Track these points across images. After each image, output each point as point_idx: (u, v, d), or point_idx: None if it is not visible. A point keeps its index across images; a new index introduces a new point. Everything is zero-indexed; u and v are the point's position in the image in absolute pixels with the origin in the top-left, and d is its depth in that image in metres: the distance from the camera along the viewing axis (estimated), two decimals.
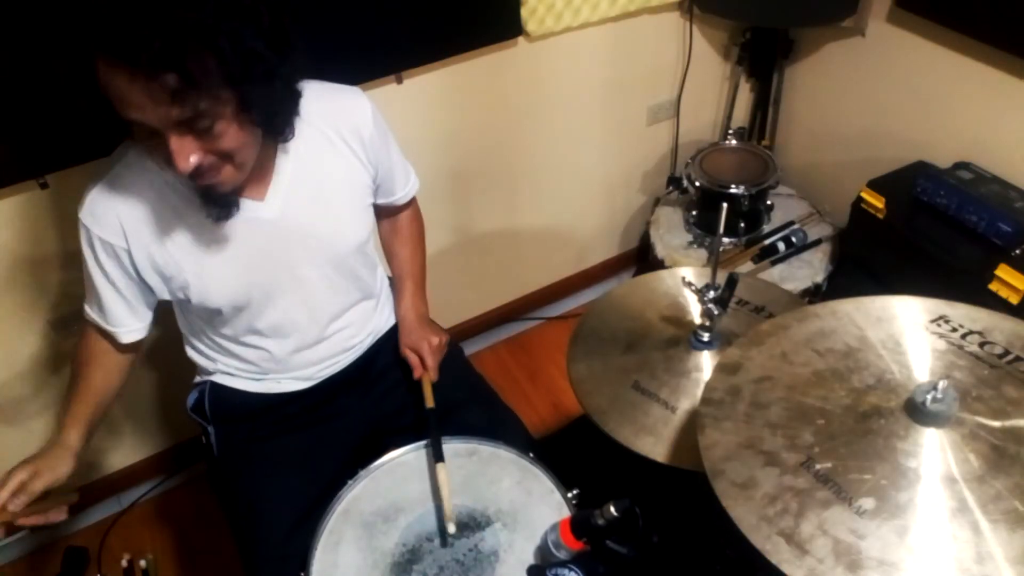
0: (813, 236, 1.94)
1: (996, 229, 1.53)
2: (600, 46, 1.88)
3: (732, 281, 1.10)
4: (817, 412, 0.86)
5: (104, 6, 0.83)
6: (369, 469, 1.18)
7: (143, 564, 1.78)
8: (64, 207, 1.46)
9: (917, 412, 0.82)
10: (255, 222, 1.11)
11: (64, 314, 1.60)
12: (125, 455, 1.93)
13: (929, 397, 0.80)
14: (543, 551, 1.02)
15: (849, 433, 0.83)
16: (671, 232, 2.03)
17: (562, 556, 0.99)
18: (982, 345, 0.90)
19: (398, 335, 1.37)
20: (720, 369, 0.94)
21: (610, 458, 1.11)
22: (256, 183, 1.10)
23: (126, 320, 1.16)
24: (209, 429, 1.32)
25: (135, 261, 1.09)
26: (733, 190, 1.86)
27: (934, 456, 0.79)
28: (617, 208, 2.29)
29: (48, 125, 1.34)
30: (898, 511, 0.75)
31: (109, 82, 0.86)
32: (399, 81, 1.67)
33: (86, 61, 0.86)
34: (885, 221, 1.70)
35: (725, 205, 1.11)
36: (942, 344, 0.91)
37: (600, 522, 0.95)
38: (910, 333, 0.93)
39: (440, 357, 1.33)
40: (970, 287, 1.53)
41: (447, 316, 2.05)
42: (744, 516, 0.77)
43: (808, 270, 1.88)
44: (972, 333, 0.91)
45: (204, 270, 1.11)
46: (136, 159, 1.06)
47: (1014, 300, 1.48)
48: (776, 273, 1.88)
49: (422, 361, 1.31)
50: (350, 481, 1.16)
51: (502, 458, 1.19)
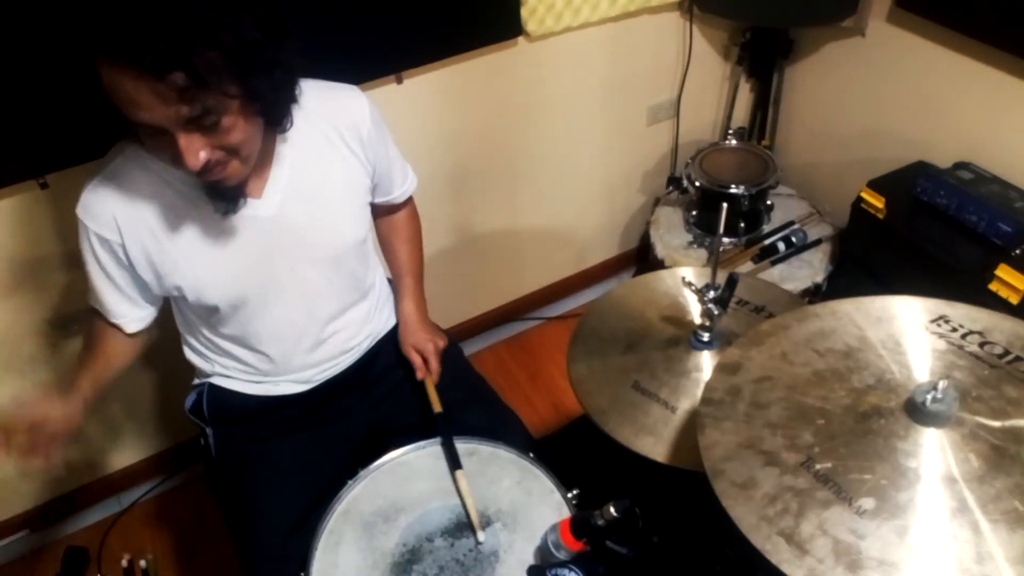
0: (813, 236, 1.94)
1: (996, 229, 1.53)
2: (600, 46, 1.88)
3: (732, 281, 1.10)
4: (817, 412, 0.86)
5: (106, 8, 0.83)
6: (369, 469, 1.18)
7: (143, 564, 1.78)
8: (64, 207, 1.46)
9: (917, 412, 0.82)
10: (252, 219, 1.11)
11: (64, 314, 1.60)
12: (125, 455, 1.93)
13: (929, 397, 0.80)
14: (543, 551, 1.02)
15: (849, 433, 0.83)
16: (671, 232, 2.03)
17: (562, 556, 0.99)
18: (982, 345, 0.90)
19: (399, 334, 1.37)
20: (720, 369, 0.94)
21: (610, 458, 1.11)
22: (254, 180, 1.10)
23: (127, 312, 1.17)
24: (207, 431, 1.32)
25: (129, 255, 1.09)
26: (733, 190, 1.86)
27: (934, 456, 0.79)
28: (617, 208, 2.29)
29: (48, 125, 1.34)
30: (898, 511, 0.75)
31: (115, 84, 0.86)
32: (399, 81, 1.67)
33: (88, 63, 0.86)
34: (885, 221, 1.70)
35: (725, 205, 1.11)
36: (942, 344, 0.91)
37: (600, 522, 0.95)
38: (910, 333, 0.93)
39: (436, 358, 1.33)
40: (970, 287, 1.53)
41: (447, 316, 2.05)
42: (744, 516, 0.77)
43: (808, 270, 1.88)
44: (972, 333, 0.91)
45: (200, 267, 1.11)
46: (132, 157, 1.06)
47: (1014, 300, 1.48)
48: (776, 273, 1.88)
49: (426, 362, 1.31)
50: (350, 481, 1.16)
51: (502, 458, 1.19)
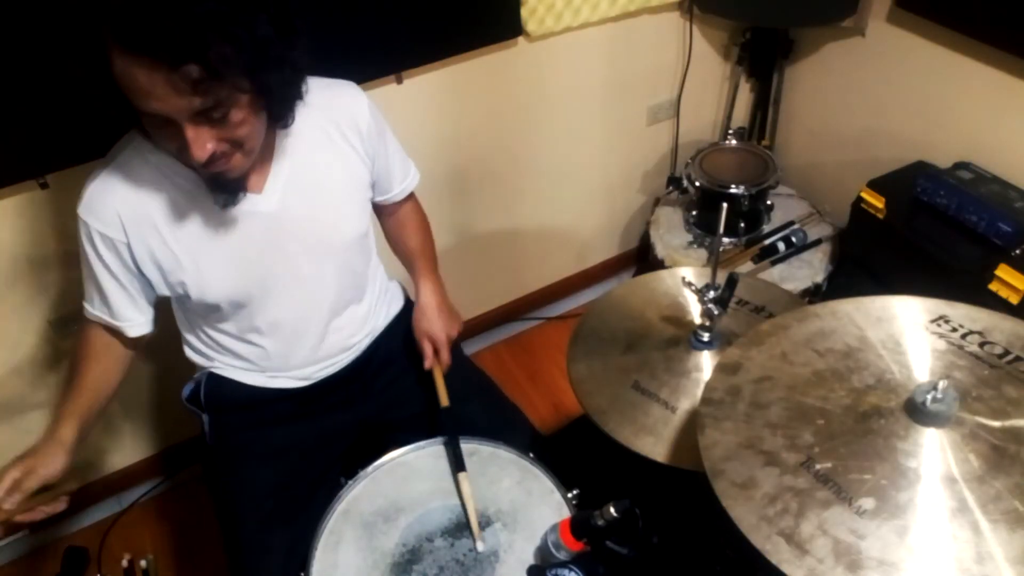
0: (813, 236, 1.94)
1: (996, 229, 1.53)
2: (600, 46, 1.88)
3: (732, 281, 1.10)
4: (817, 412, 0.86)
5: (123, 1, 0.83)
6: (369, 469, 1.18)
7: (143, 564, 1.78)
8: (64, 207, 1.46)
9: (917, 412, 0.82)
10: (253, 214, 1.11)
11: (64, 314, 1.60)
12: (125, 455, 1.93)
13: (929, 397, 0.80)
14: (543, 551, 1.02)
15: (849, 433, 0.83)
16: (671, 232, 2.03)
17: (562, 556, 0.99)
18: (982, 345, 0.90)
19: (414, 318, 1.33)
20: (720, 369, 0.94)
21: (610, 458, 1.11)
22: (254, 175, 1.10)
23: (131, 314, 1.16)
24: (203, 418, 1.32)
25: (134, 254, 1.09)
26: (733, 190, 1.86)
27: (934, 456, 0.79)
28: (617, 208, 2.29)
29: (48, 125, 1.35)
30: (898, 511, 0.75)
31: (128, 74, 0.86)
32: (399, 81, 1.67)
33: (100, 52, 0.86)
34: (885, 221, 1.70)
35: (725, 205, 1.11)
36: (942, 344, 0.91)
37: (600, 523, 0.95)
38: (910, 333, 0.93)
39: (447, 349, 1.30)
40: (970, 287, 1.52)
41: None
42: (744, 516, 0.77)
43: (808, 270, 1.88)
44: (972, 333, 0.91)
45: (202, 264, 1.11)
46: (134, 154, 1.06)
47: (1014, 300, 1.48)
48: (776, 273, 1.88)
49: (437, 353, 1.29)
50: (350, 481, 1.16)
51: (502, 458, 1.19)
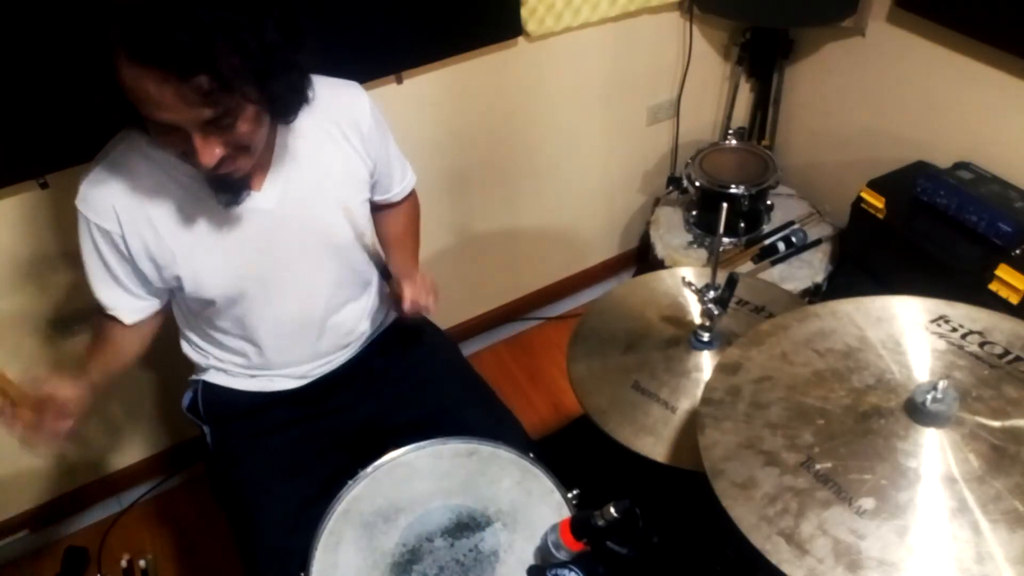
0: (813, 236, 1.94)
1: (996, 229, 1.53)
2: (600, 46, 1.88)
3: (732, 281, 1.10)
4: (817, 412, 0.86)
5: (133, 10, 0.83)
6: (369, 469, 1.18)
7: (143, 564, 1.78)
8: (64, 207, 1.46)
9: (917, 412, 0.82)
10: (253, 212, 1.11)
11: (64, 314, 1.60)
12: (125, 455, 1.93)
13: (929, 397, 0.80)
14: (543, 551, 1.02)
15: (849, 433, 0.83)
16: (671, 232, 2.03)
17: (562, 556, 0.99)
18: (982, 345, 0.90)
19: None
20: (720, 369, 0.94)
21: (610, 458, 1.11)
22: (255, 173, 1.10)
23: (124, 303, 1.16)
24: (204, 428, 1.32)
25: (129, 247, 1.09)
26: (733, 190, 1.86)
27: (934, 456, 0.79)
28: (617, 208, 2.29)
29: (48, 125, 1.35)
30: (898, 511, 0.75)
31: (137, 85, 0.86)
32: (399, 81, 1.67)
33: (106, 61, 0.86)
34: (885, 221, 1.70)
35: (725, 205, 1.11)
36: (942, 344, 0.91)
37: (600, 523, 0.95)
38: (910, 333, 0.93)
39: (431, 294, 1.23)
40: (970, 287, 1.52)
41: (447, 316, 2.05)
42: (744, 516, 0.77)
43: (808, 270, 1.88)
44: (972, 333, 0.91)
45: (198, 259, 1.11)
46: (134, 145, 1.06)
47: (1014, 300, 1.48)
48: (776, 273, 1.88)
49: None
50: (350, 481, 1.16)
51: (502, 458, 1.19)
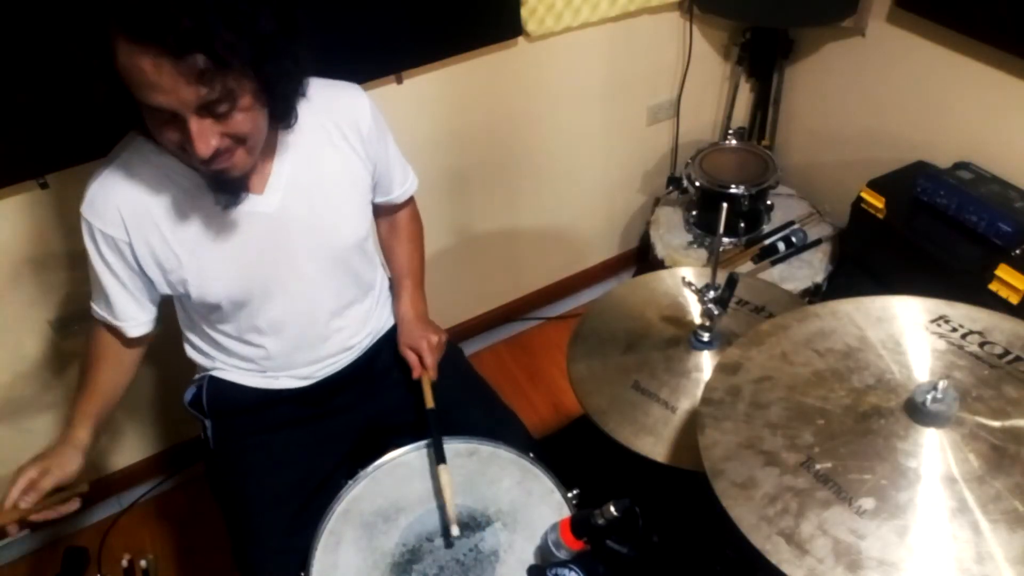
0: (813, 236, 1.94)
1: (996, 229, 1.53)
2: (600, 46, 1.88)
3: (732, 281, 1.10)
4: (817, 412, 0.86)
5: None
6: (369, 469, 1.18)
7: (143, 564, 1.77)
8: (64, 207, 1.46)
9: (917, 412, 0.82)
10: (254, 215, 1.11)
11: (65, 314, 1.60)
12: (125, 455, 1.93)
13: (929, 397, 0.80)
14: (543, 551, 1.02)
15: (849, 433, 0.83)
16: (671, 232, 2.03)
17: (562, 556, 0.99)
18: (982, 345, 0.90)
19: (397, 335, 1.37)
20: (720, 369, 0.94)
21: (610, 458, 1.11)
22: (255, 176, 1.10)
23: (133, 313, 1.17)
24: (206, 423, 1.32)
25: (136, 254, 1.09)
26: (733, 190, 1.86)
27: (934, 456, 0.79)
28: (617, 208, 2.29)
29: (48, 125, 1.35)
30: (898, 511, 0.75)
31: (133, 65, 0.86)
32: (399, 81, 1.67)
33: (104, 45, 0.86)
34: (885, 221, 1.70)
35: (725, 205, 1.11)
36: (942, 344, 0.91)
37: (600, 522, 0.95)
38: (910, 333, 0.93)
39: (439, 356, 1.33)
40: (970, 287, 1.53)
41: (447, 316, 2.05)
42: (744, 516, 0.77)
43: (808, 270, 1.88)
44: (972, 333, 0.91)
45: (203, 264, 1.11)
46: (135, 154, 1.06)
47: (1014, 300, 1.48)
48: (776, 273, 1.88)
49: (421, 360, 1.31)
50: (350, 481, 1.16)
51: (502, 458, 1.19)
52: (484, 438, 1.21)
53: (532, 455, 1.18)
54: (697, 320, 1.18)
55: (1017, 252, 1.50)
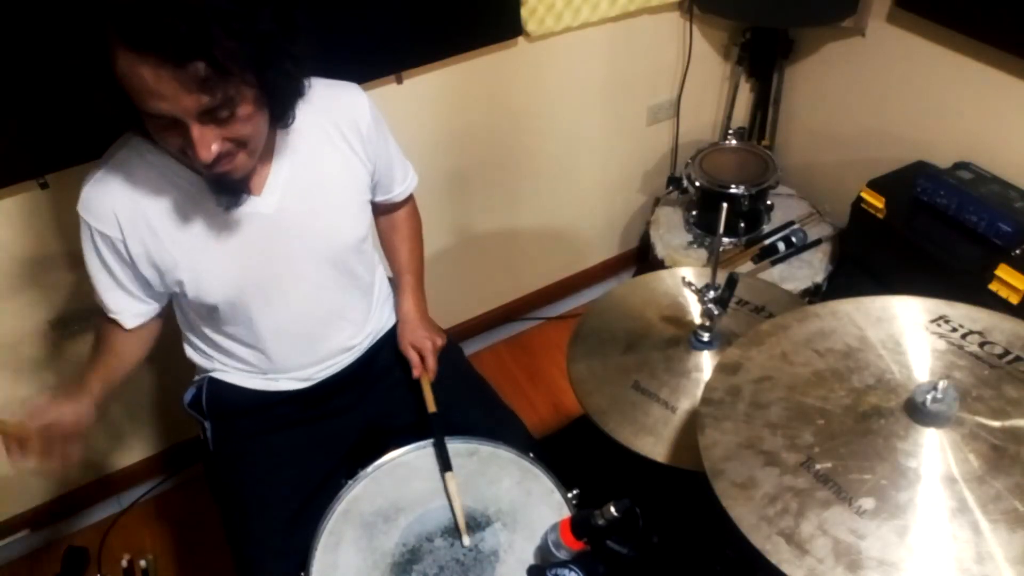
0: (813, 236, 1.94)
1: (996, 229, 1.53)
2: (600, 46, 1.88)
3: (732, 281, 1.10)
4: (817, 412, 0.86)
5: None
6: (369, 469, 1.18)
7: (143, 564, 1.78)
8: (64, 207, 1.46)
9: (917, 412, 0.82)
10: (253, 216, 1.11)
11: (65, 314, 1.60)
12: (125, 455, 1.93)
13: (929, 397, 0.80)
14: (543, 551, 1.02)
15: (849, 433, 0.83)
16: (671, 232, 2.03)
17: (562, 556, 0.99)
18: (982, 345, 0.90)
19: (398, 331, 1.37)
20: (720, 369, 0.94)
21: (610, 458, 1.11)
22: (255, 177, 1.10)
23: (126, 306, 1.16)
24: (205, 424, 1.32)
25: (131, 253, 1.09)
26: (733, 190, 1.86)
27: (934, 456, 0.79)
28: (617, 208, 2.29)
29: (48, 125, 1.35)
30: (898, 511, 0.75)
31: (133, 74, 0.85)
32: (399, 81, 1.67)
33: (103, 53, 0.86)
34: (885, 221, 1.70)
35: (725, 205, 1.10)
36: (942, 344, 0.91)
37: (600, 522, 0.95)
38: (910, 333, 0.93)
39: (434, 355, 1.33)
40: (970, 287, 1.53)
41: (447, 316, 2.05)
42: (744, 516, 0.77)
43: (808, 270, 1.88)
44: (972, 333, 0.91)
45: (200, 264, 1.11)
46: (134, 150, 1.06)
47: (1014, 300, 1.48)
48: (776, 273, 1.88)
49: (423, 361, 1.31)
50: (350, 481, 1.16)
51: (502, 458, 1.19)
52: (484, 438, 1.21)
53: (532, 455, 1.18)
54: (697, 320, 1.18)
55: (1017, 252, 1.50)
